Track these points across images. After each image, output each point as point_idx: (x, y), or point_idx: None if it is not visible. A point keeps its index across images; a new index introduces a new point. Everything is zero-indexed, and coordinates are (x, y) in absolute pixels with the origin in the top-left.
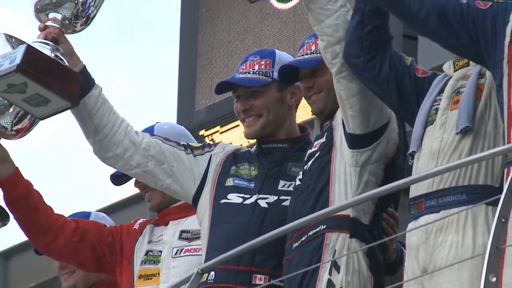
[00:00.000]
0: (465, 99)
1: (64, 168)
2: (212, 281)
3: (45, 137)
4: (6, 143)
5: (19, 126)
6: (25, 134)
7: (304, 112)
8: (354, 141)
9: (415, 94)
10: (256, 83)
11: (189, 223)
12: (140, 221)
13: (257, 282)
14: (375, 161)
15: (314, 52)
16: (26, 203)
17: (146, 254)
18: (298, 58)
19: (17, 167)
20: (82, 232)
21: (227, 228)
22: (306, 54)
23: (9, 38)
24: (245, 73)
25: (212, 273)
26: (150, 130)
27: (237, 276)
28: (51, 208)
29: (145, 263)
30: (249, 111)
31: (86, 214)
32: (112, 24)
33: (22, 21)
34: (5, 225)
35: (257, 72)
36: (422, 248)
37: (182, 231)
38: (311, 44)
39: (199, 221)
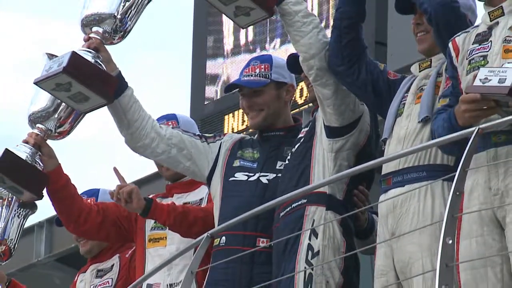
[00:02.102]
0: (426, 94)
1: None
2: (223, 244)
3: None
4: (51, 143)
5: (61, 129)
6: (66, 136)
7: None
8: (331, 132)
9: (388, 93)
10: (258, 84)
11: (190, 197)
12: (150, 196)
13: (260, 244)
14: (348, 148)
15: (258, 75)
16: (65, 193)
17: (155, 222)
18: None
19: (59, 163)
20: (103, 213)
21: (235, 201)
22: (251, 75)
23: (50, 56)
24: (248, 75)
25: (224, 237)
26: (173, 115)
27: (244, 240)
28: (81, 197)
29: (154, 229)
30: (253, 107)
31: (96, 191)
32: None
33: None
34: (33, 213)
35: (258, 75)
36: (391, 216)
37: (185, 203)
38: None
39: (212, 196)
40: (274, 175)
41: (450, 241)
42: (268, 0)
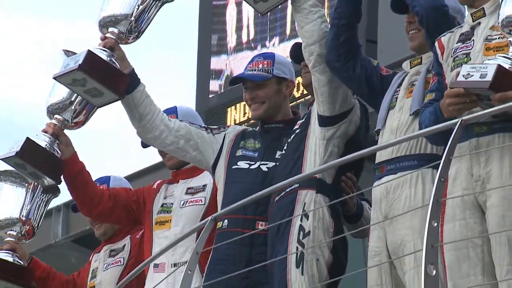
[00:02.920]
0: (417, 89)
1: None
2: (226, 226)
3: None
4: (68, 132)
5: (76, 120)
6: (81, 126)
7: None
8: (323, 121)
9: (381, 87)
10: (260, 78)
11: (194, 182)
12: (158, 182)
13: (259, 227)
14: (338, 136)
15: (261, 70)
16: (80, 178)
17: (162, 206)
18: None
19: (75, 151)
20: (114, 198)
21: (237, 187)
22: (254, 70)
23: (67, 52)
24: (252, 70)
25: (226, 221)
26: (174, 109)
27: (244, 223)
28: (95, 183)
29: (160, 212)
30: (255, 99)
31: (107, 178)
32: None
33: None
34: (56, 196)
35: (261, 70)
36: (384, 201)
37: (188, 188)
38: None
39: (217, 182)
40: (274, 163)
41: (435, 224)
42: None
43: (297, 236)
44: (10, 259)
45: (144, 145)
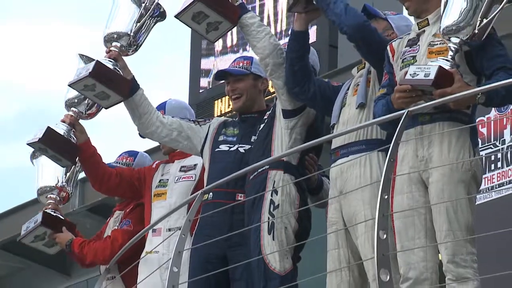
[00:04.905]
0: (360, 87)
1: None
2: (211, 198)
3: None
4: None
5: (89, 112)
6: (93, 117)
7: None
8: (286, 114)
9: (334, 96)
10: (240, 72)
11: (186, 161)
12: (157, 162)
13: (238, 198)
14: (300, 125)
15: (241, 67)
16: (92, 160)
17: (159, 181)
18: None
19: (89, 137)
20: (120, 176)
21: (219, 166)
22: (236, 67)
23: (82, 56)
24: (234, 67)
25: (211, 194)
26: (163, 104)
27: (226, 195)
28: (105, 164)
29: (158, 187)
30: (235, 91)
31: (136, 153)
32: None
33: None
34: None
35: (241, 67)
36: (339, 179)
37: (182, 166)
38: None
39: (204, 163)
40: (249, 146)
41: (386, 196)
42: (232, 12)
43: (268, 208)
44: (53, 214)
45: (142, 136)
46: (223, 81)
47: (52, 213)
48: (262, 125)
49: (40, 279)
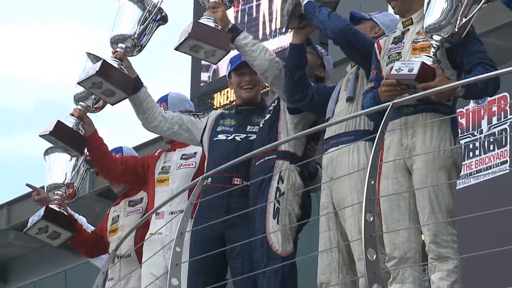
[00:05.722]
0: (350, 82)
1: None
2: (210, 182)
3: None
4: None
5: (96, 106)
6: (100, 111)
7: None
8: (291, 111)
9: (330, 93)
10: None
11: (187, 150)
12: (159, 150)
13: (235, 182)
14: (305, 121)
15: None
16: (99, 150)
17: (162, 168)
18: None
19: (96, 129)
20: (125, 164)
21: (218, 154)
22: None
23: (89, 55)
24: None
25: (209, 178)
26: (165, 97)
27: (224, 179)
28: (111, 153)
29: (160, 173)
30: (251, 82)
31: (120, 148)
32: None
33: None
34: (91, 168)
35: None
36: (329, 167)
37: (183, 154)
38: None
39: (205, 151)
40: (245, 135)
41: (373, 182)
42: (224, 42)
43: (275, 194)
44: (58, 209)
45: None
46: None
47: (57, 208)
48: (268, 115)
49: (57, 258)
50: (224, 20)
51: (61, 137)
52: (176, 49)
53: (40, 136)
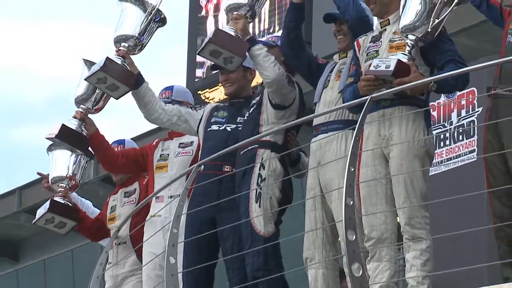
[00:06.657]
0: (343, 74)
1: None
2: (203, 169)
3: None
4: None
5: (96, 107)
6: (100, 111)
7: None
8: (275, 106)
9: (317, 72)
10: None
11: (184, 139)
12: (156, 140)
13: (225, 169)
14: (288, 116)
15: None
16: (102, 147)
17: (160, 156)
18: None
19: (97, 128)
20: (126, 156)
21: (210, 143)
22: None
23: (86, 61)
24: None
25: (203, 166)
26: (171, 87)
27: (215, 166)
28: (113, 148)
29: (159, 160)
30: (228, 80)
31: (122, 141)
32: None
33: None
34: (91, 160)
35: None
36: (318, 152)
37: (180, 143)
38: None
39: (200, 140)
40: (235, 125)
41: (353, 169)
42: (241, 49)
43: (256, 180)
44: (62, 201)
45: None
46: (217, 71)
47: (61, 200)
48: (252, 109)
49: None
50: (244, 30)
51: (66, 138)
52: (198, 53)
53: (46, 138)
